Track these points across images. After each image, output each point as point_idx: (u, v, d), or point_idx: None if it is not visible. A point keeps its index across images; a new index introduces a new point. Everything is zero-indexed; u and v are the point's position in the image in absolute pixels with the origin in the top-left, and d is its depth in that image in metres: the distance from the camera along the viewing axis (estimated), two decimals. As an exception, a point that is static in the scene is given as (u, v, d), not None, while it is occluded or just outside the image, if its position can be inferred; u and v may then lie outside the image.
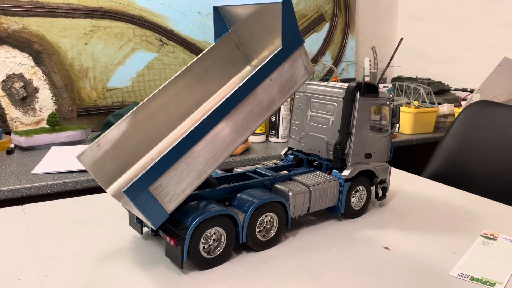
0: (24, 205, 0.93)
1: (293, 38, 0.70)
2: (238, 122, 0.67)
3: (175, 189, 0.63)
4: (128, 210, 0.78)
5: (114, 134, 0.76)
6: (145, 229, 0.78)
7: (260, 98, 0.69)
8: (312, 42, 2.34)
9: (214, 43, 0.85)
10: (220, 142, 0.66)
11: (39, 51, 1.69)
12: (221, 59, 0.85)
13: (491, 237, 0.81)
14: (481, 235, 0.82)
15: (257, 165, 0.92)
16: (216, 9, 0.83)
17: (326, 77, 2.38)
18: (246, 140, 0.71)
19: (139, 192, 0.58)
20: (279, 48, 0.69)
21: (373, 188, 0.93)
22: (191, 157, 0.63)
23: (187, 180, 0.64)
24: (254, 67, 0.86)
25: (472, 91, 2.08)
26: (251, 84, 0.67)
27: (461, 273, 0.68)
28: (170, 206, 0.63)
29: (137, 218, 0.75)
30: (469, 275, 0.67)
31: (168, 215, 0.63)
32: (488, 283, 0.65)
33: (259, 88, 0.68)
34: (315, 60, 2.35)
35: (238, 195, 0.75)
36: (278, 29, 0.75)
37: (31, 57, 1.68)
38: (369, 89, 0.85)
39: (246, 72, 0.88)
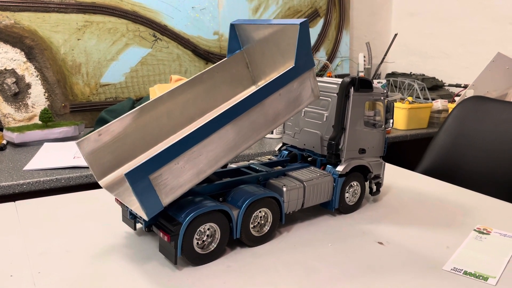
0: (16, 202, 0.92)
1: (305, 59, 0.73)
2: (243, 129, 0.68)
3: (173, 183, 0.63)
4: (121, 206, 0.77)
5: (116, 127, 0.77)
6: (138, 225, 0.78)
7: (267, 109, 0.71)
8: (307, 38, 2.33)
9: (226, 59, 0.88)
10: (223, 144, 0.67)
11: (31, 46, 1.68)
12: (230, 75, 0.88)
13: (484, 231, 0.81)
14: (474, 230, 0.82)
15: (251, 161, 0.92)
16: (232, 27, 0.86)
17: (320, 73, 2.37)
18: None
19: (139, 178, 0.59)
20: (291, 66, 0.72)
21: (367, 183, 0.93)
22: (194, 154, 0.64)
23: (186, 176, 0.64)
24: None
25: (465, 86, 2.09)
26: (261, 94, 0.69)
27: (454, 268, 0.68)
28: (166, 199, 0.62)
29: (131, 214, 0.75)
30: (462, 270, 0.67)
31: (163, 208, 0.62)
32: (481, 277, 0.65)
33: (267, 100, 0.70)
34: (310, 55, 2.35)
35: (232, 190, 0.75)
36: (291, 52, 0.78)
37: (23, 53, 1.67)
38: (363, 84, 0.85)
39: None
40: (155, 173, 0.60)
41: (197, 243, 0.67)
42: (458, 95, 2.07)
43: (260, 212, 0.75)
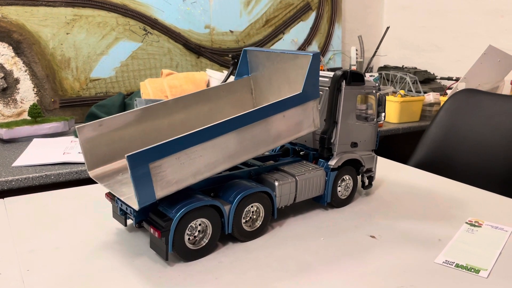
0: (5, 199, 0.91)
1: (312, 89, 0.77)
2: (245, 140, 0.70)
3: (170, 177, 0.63)
4: (111, 202, 0.76)
5: (118, 121, 0.78)
6: (129, 221, 0.77)
7: (269, 127, 0.73)
8: (299, 32, 2.32)
9: (233, 81, 0.92)
10: (223, 150, 0.68)
11: (19, 41, 1.65)
12: (234, 97, 0.92)
13: (476, 224, 0.82)
14: (466, 223, 0.82)
15: (243, 155, 0.91)
16: (244, 52, 0.92)
17: (312, 67, 2.37)
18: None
19: (140, 163, 0.59)
20: (299, 92, 0.75)
21: (359, 177, 0.92)
22: (195, 153, 0.64)
23: (184, 174, 0.64)
24: None
25: (457, 79, 2.10)
26: (267, 111, 0.72)
27: (446, 260, 0.68)
28: (160, 192, 0.62)
29: (121, 210, 0.74)
30: (454, 262, 0.68)
31: (155, 200, 0.62)
32: (472, 270, 0.66)
33: (271, 118, 0.73)
34: (302, 49, 2.34)
35: (224, 185, 0.74)
36: (298, 82, 0.82)
37: (11, 47, 1.64)
38: (355, 77, 0.84)
39: None
40: (156, 162, 0.60)
41: (189, 238, 0.67)
42: (450, 88, 2.07)
43: (252, 207, 0.74)
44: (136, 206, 0.61)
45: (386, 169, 1.15)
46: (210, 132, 0.65)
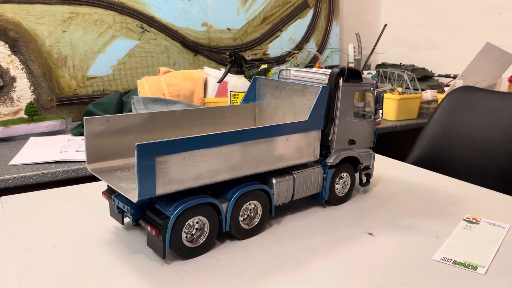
0: (1, 197, 0.90)
1: (317, 119, 0.80)
2: (249, 155, 0.71)
3: (173, 175, 0.63)
4: (108, 200, 0.76)
5: (125, 120, 0.79)
6: (126, 220, 0.77)
7: (273, 147, 0.75)
8: (296, 29, 2.32)
9: (240, 104, 0.96)
10: (227, 160, 0.69)
11: (15, 39, 1.64)
12: (238, 121, 0.96)
13: (474, 221, 0.82)
14: (464, 219, 0.82)
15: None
16: (254, 79, 0.97)
17: (310, 64, 2.37)
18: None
19: (147, 154, 0.60)
20: (304, 120, 0.78)
21: (357, 174, 0.92)
22: (200, 157, 0.65)
23: (186, 175, 0.64)
24: None
25: (455, 77, 2.10)
26: (273, 130, 0.74)
27: (444, 257, 0.68)
28: (161, 189, 0.62)
29: (118, 208, 0.74)
30: (451, 259, 0.68)
31: (154, 195, 0.62)
32: (470, 267, 0.66)
33: (276, 139, 0.75)
34: (300, 47, 2.33)
35: (221, 183, 0.74)
36: (304, 112, 0.86)
37: (7, 45, 1.63)
38: (352, 75, 0.84)
39: None
40: (163, 157, 0.61)
41: (186, 236, 0.67)
42: (447, 85, 2.07)
43: (249, 204, 0.74)
44: (135, 199, 0.61)
45: (383, 166, 1.15)
46: (218, 139, 0.67)
